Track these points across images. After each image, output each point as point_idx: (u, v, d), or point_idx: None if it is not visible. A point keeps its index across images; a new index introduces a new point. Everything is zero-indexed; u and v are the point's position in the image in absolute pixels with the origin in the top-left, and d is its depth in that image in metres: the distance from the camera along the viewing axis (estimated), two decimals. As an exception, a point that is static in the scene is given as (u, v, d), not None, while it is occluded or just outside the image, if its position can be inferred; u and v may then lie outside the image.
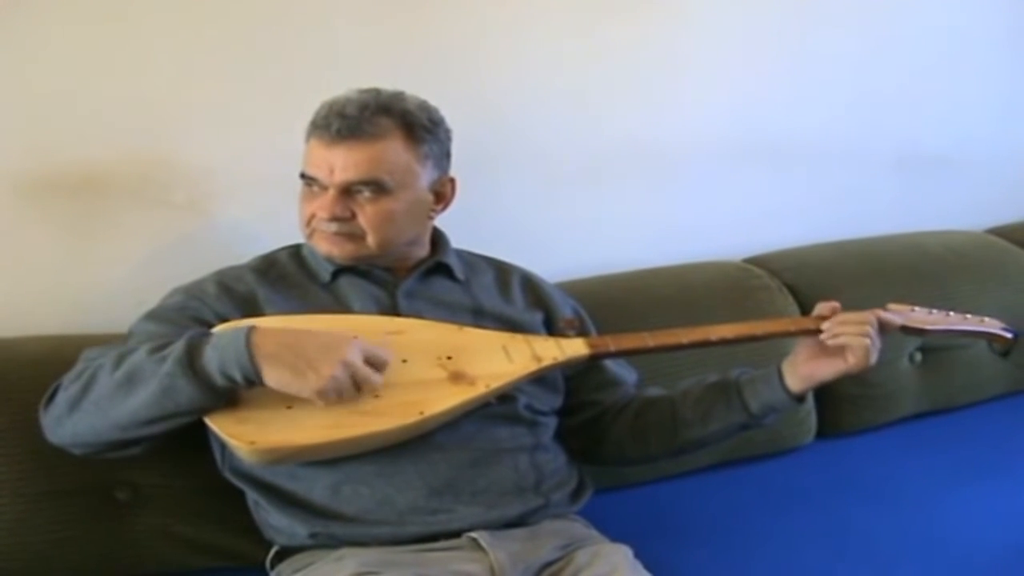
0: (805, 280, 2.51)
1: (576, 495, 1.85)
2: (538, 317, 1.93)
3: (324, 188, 1.76)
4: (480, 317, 1.85)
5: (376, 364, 1.58)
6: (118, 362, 1.59)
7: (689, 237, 2.63)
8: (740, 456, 2.30)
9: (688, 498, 2.17)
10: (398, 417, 1.61)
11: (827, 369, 1.79)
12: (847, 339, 1.77)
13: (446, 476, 1.69)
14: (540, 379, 1.81)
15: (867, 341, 1.76)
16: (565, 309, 1.98)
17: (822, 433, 2.44)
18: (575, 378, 1.93)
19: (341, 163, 1.73)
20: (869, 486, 2.21)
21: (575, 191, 2.50)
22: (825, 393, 2.15)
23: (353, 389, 1.55)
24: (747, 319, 1.93)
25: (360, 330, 1.65)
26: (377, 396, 1.60)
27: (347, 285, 1.82)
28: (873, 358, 1.78)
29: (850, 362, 1.77)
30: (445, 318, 1.80)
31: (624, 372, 2.00)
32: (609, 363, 1.96)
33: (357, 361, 1.55)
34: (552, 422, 1.88)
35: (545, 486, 1.78)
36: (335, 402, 1.54)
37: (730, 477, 2.27)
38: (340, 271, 1.82)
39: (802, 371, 1.81)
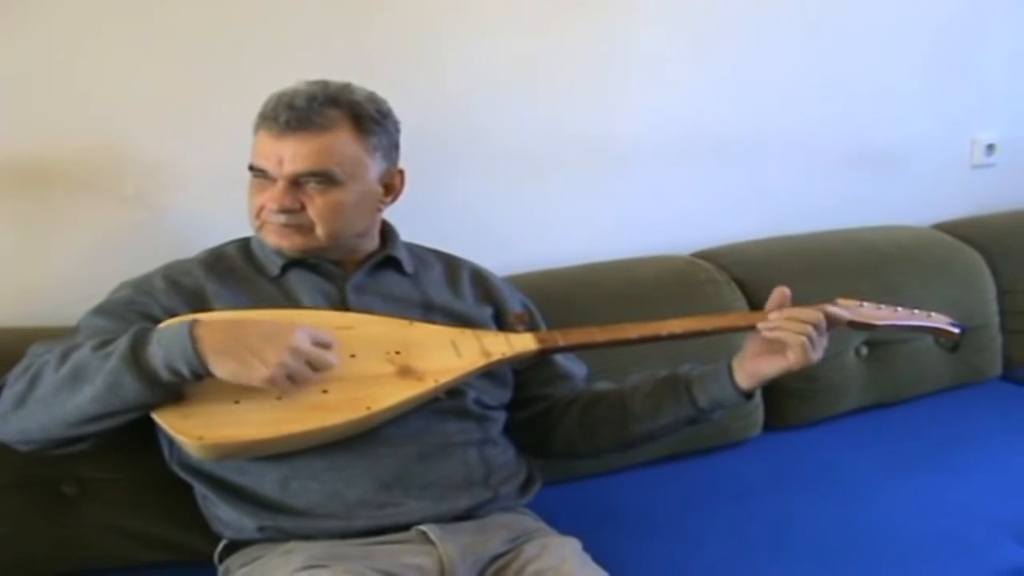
0: (753, 274, 2.52)
1: (525, 488, 1.86)
2: (487, 311, 1.93)
3: (273, 180, 1.74)
4: (429, 311, 1.84)
5: (323, 345, 1.57)
6: (63, 359, 1.58)
7: (638, 232, 2.64)
8: (688, 449, 2.31)
9: (636, 491, 2.18)
10: (346, 412, 1.60)
11: (770, 366, 1.79)
12: (782, 334, 1.75)
13: (394, 470, 1.69)
14: (489, 373, 1.81)
15: (803, 339, 1.74)
16: (514, 304, 1.98)
17: (769, 426, 2.46)
18: (524, 372, 1.93)
19: (290, 154, 1.72)
20: (814, 478, 2.23)
21: (525, 186, 2.51)
22: (772, 387, 2.15)
23: (309, 371, 1.54)
24: (695, 313, 1.93)
25: (309, 325, 1.64)
26: (325, 391, 1.59)
27: (296, 279, 1.81)
28: (816, 356, 1.76)
29: (791, 359, 1.75)
30: (394, 312, 1.79)
31: (573, 366, 2.00)
32: (558, 357, 1.96)
33: (305, 345, 1.54)
34: (501, 416, 1.88)
35: (494, 479, 1.78)
36: (289, 389, 1.53)
37: (678, 470, 2.28)
38: (289, 265, 1.81)
39: (748, 367, 1.81)
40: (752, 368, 1.81)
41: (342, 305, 1.79)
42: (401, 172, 1.88)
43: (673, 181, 2.70)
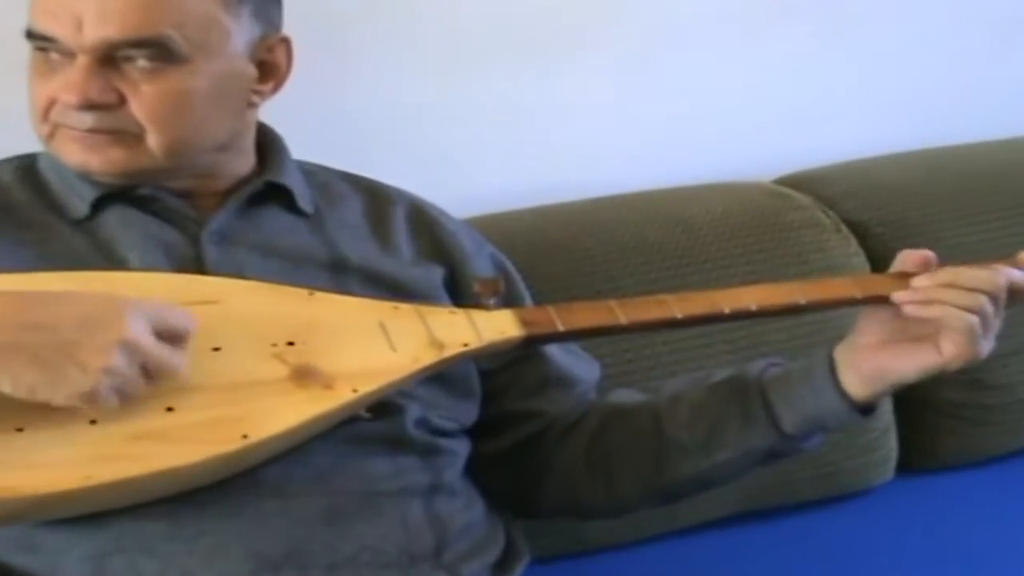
0: (875, 212, 2.56)
1: (503, 567, 1.85)
2: (437, 274, 1.92)
3: (70, 55, 1.71)
4: (341, 274, 1.83)
5: (171, 336, 1.53)
6: None
7: (686, 145, 2.68)
8: (768, 504, 2.34)
9: (683, 570, 2.20)
10: (206, 443, 1.57)
11: (908, 363, 1.76)
12: (942, 311, 1.73)
13: (286, 539, 1.66)
14: (442, 377, 1.80)
15: (974, 319, 1.72)
16: (480, 261, 1.98)
17: (905, 467, 2.48)
18: (499, 375, 1.93)
19: (96, 9, 1.68)
20: (977, 552, 2.25)
21: (506, 75, 2.54)
22: (911, 402, 2.15)
23: (141, 381, 1.49)
24: (781, 277, 1.92)
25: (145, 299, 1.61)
26: (170, 409, 1.56)
27: (116, 223, 1.77)
28: (985, 348, 1.75)
29: (946, 353, 1.73)
30: (283, 276, 1.77)
31: (578, 365, 2.01)
32: (554, 350, 1.97)
33: (143, 338, 1.49)
34: (462, 448, 1.87)
35: (450, 554, 1.76)
36: (117, 409, 1.49)
37: (752, 537, 2.32)
38: (104, 199, 1.78)
39: (868, 365, 1.78)
40: (874, 366, 1.78)
41: (196, 264, 1.77)
42: (286, 42, 1.85)
43: (742, 62, 2.74)
